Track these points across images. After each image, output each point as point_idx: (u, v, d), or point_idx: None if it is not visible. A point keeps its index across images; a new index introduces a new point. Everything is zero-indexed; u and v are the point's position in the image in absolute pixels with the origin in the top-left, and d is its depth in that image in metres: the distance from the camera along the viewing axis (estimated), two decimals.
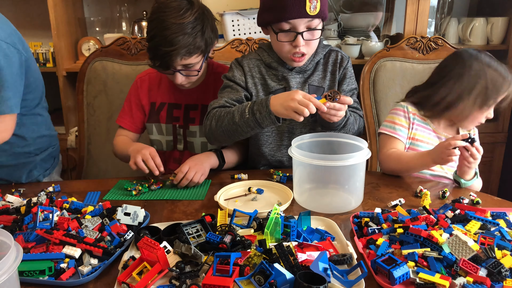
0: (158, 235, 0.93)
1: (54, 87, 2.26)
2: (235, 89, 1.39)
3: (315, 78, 1.42)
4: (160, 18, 1.32)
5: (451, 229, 0.91)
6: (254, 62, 1.43)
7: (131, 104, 1.54)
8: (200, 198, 1.20)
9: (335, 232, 0.97)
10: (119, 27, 2.51)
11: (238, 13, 2.07)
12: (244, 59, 1.45)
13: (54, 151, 1.58)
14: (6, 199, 1.15)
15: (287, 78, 1.40)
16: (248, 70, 1.42)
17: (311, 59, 1.41)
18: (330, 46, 1.47)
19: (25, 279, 0.82)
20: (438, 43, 1.81)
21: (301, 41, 1.28)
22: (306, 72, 1.42)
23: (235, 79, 1.40)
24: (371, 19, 2.30)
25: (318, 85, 1.43)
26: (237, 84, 1.40)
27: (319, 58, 1.43)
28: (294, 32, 1.28)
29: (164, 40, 1.30)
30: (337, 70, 1.43)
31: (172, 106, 1.53)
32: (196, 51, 1.35)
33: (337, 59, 1.44)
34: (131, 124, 1.54)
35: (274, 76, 1.42)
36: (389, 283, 0.78)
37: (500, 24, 2.19)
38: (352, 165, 1.07)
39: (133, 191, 1.23)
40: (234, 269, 0.79)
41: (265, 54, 1.42)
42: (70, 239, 0.88)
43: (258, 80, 1.42)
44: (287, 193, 1.19)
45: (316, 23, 1.29)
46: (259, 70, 1.43)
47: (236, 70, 1.43)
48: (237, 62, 1.45)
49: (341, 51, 1.47)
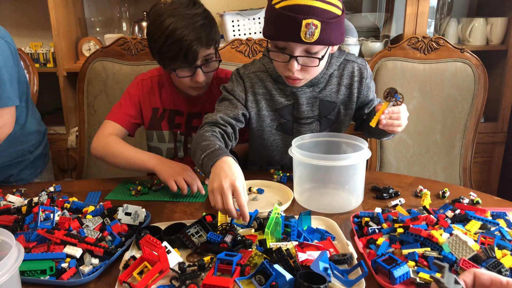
0: (159, 235, 0.94)
1: (54, 87, 2.26)
2: (234, 104, 1.28)
3: (327, 93, 1.30)
4: (170, 16, 1.28)
5: (451, 229, 0.91)
6: (258, 76, 1.30)
7: (130, 103, 1.46)
8: (200, 200, 1.20)
9: (335, 231, 0.97)
10: (119, 27, 2.51)
11: (238, 13, 2.07)
12: (246, 71, 1.31)
13: (45, 148, 1.58)
14: (7, 199, 1.15)
15: (296, 94, 1.28)
16: (250, 86, 1.29)
17: (324, 72, 1.28)
18: (345, 55, 1.32)
19: (26, 278, 0.82)
20: (439, 43, 1.81)
21: (294, 65, 1.13)
22: (318, 86, 1.29)
23: (235, 94, 1.29)
24: (371, 19, 2.30)
25: (331, 101, 1.31)
26: (236, 99, 1.29)
27: (332, 70, 1.29)
28: (289, 55, 1.13)
29: (183, 33, 1.26)
30: (354, 84, 1.30)
31: (174, 113, 1.49)
32: (213, 42, 1.34)
33: (353, 71, 1.30)
34: (123, 119, 1.42)
35: (282, 91, 1.29)
36: (390, 283, 0.78)
37: (500, 24, 2.19)
38: (352, 165, 1.07)
39: (133, 191, 1.23)
40: (235, 269, 0.79)
41: (271, 66, 1.27)
42: (71, 239, 0.88)
43: (262, 96, 1.30)
44: (288, 193, 1.19)
45: (317, 49, 1.12)
46: (264, 85, 1.30)
47: (236, 84, 1.30)
48: (238, 75, 1.32)
49: (357, 61, 1.32)
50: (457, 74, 1.80)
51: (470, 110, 1.81)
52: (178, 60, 1.30)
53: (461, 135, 1.84)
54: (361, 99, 1.34)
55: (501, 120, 2.25)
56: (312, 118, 1.33)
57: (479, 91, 1.79)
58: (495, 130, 2.27)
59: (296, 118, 1.33)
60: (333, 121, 1.36)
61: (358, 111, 1.38)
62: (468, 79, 1.79)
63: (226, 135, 1.22)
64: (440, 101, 1.83)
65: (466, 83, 1.80)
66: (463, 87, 1.80)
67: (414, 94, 1.84)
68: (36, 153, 1.51)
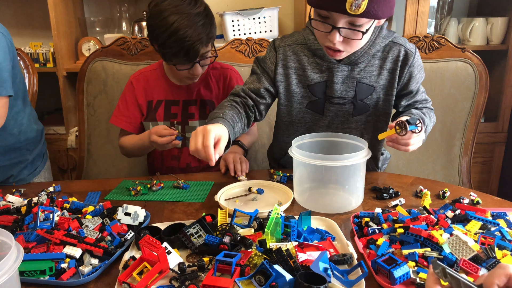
0: (158, 235, 0.94)
1: (54, 87, 2.26)
2: (259, 79, 1.29)
3: (367, 74, 1.22)
4: (174, 13, 1.30)
5: (451, 229, 0.91)
6: (293, 49, 1.25)
7: (128, 105, 1.53)
8: (200, 200, 1.20)
9: (335, 232, 0.97)
10: (119, 27, 2.51)
11: (238, 13, 2.07)
12: (282, 43, 1.27)
13: (43, 147, 1.58)
14: (6, 199, 1.15)
15: (332, 71, 1.22)
16: (283, 58, 1.25)
17: (365, 50, 1.19)
18: (393, 36, 1.22)
19: (25, 279, 0.82)
20: (441, 43, 1.81)
21: (336, 37, 1.07)
22: (357, 65, 1.21)
23: (265, 66, 1.29)
24: None
25: (369, 84, 1.23)
26: (265, 72, 1.28)
27: (375, 51, 1.20)
28: (331, 25, 1.06)
29: (187, 33, 1.29)
30: (397, 69, 1.22)
31: (170, 103, 1.53)
32: (211, 40, 1.38)
33: (399, 55, 1.22)
34: (129, 125, 1.53)
35: (317, 66, 1.23)
36: (390, 283, 0.78)
37: (500, 24, 2.19)
38: (352, 165, 1.07)
39: (132, 191, 1.23)
40: (235, 269, 0.79)
41: (312, 38, 1.22)
42: (70, 239, 0.88)
43: (294, 70, 1.25)
44: (288, 193, 1.19)
45: (362, 21, 1.05)
46: (298, 58, 1.24)
47: (269, 55, 1.28)
48: (273, 46, 1.28)
49: (405, 45, 1.23)
50: (458, 74, 1.80)
51: (470, 109, 1.81)
52: (179, 56, 1.35)
53: (461, 134, 1.83)
54: (400, 87, 1.26)
55: (502, 120, 2.25)
56: (346, 99, 1.26)
57: (480, 91, 1.79)
58: (495, 130, 2.27)
59: (328, 97, 1.26)
60: (369, 107, 1.28)
61: (396, 100, 1.30)
62: (469, 79, 1.79)
63: (247, 106, 1.28)
64: (440, 99, 1.83)
65: (467, 82, 1.79)
66: (464, 86, 1.80)
67: None
68: (35, 152, 1.51)
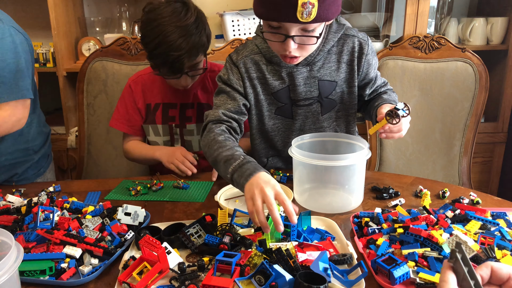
0: (158, 235, 0.94)
1: (54, 87, 2.26)
2: (232, 96, 1.24)
3: (326, 71, 1.24)
4: (162, 24, 1.29)
5: (451, 229, 0.91)
6: (251, 60, 1.25)
7: (127, 108, 1.53)
8: (200, 200, 1.20)
9: (335, 232, 0.97)
10: (119, 27, 2.51)
11: (238, 13, 2.07)
12: (239, 56, 1.26)
13: (48, 149, 1.59)
14: (6, 199, 1.15)
15: (292, 75, 1.23)
16: (245, 71, 1.25)
17: (320, 49, 1.21)
18: (344, 29, 1.24)
19: (25, 279, 0.82)
20: (441, 43, 1.81)
21: (291, 45, 1.08)
22: (315, 64, 1.23)
23: (232, 83, 1.25)
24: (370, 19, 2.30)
25: (330, 80, 1.24)
26: (235, 89, 1.25)
27: (330, 46, 1.22)
28: (284, 34, 1.07)
29: (172, 46, 1.28)
30: (355, 60, 1.24)
31: (167, 106, 1.53)
32: (201, 50, 1.36)
33: (354, 46, 1.24)
34: (130, 129, 1.54)
35: (277, 73, 1.24)
36: (389, 283, 0.78)
37: (500, 24, 2.19)
38: (352, 165, 1.07)
39: (132, 191, 1.23)
40: (235, 269, 0.79)
41: (265, 46, 1.23)
42: (70, 239, 0.88)
43: (258, 80, 1.26)
44: (287, 193, 1.19)
45: (314, 26, 1.07)
46: (258, 68, 1.25)
47: (232, 72, 1.26)
48: (231, 62, 1.27)
49: (358, 35, 1.25)
50: (458, 74, 1.80)
51: (470, 109, 1.81)
52: (165, 67, 1.35)
53: (461, 134, 1.84)
54: (361, 77, 1.28)
55: (501, 120, 2.25)
56: (312, 99, 1.28)
57: (480, 90, 1.79)
58: (495, 130, 2.27)
59: (293, 101, 1.28)
60: (336, 102, 1.30)
61: (359, 91, 1.31)
62: (469, 79, 1.79)
63: (232, 130, 1.21)
64: (440, 99, 1.83)
65: (467, 82, 1.80)
66: (464, 86, 1.80)
67: (414, 93, 1.84)
68: (40, 153, 1.52)
